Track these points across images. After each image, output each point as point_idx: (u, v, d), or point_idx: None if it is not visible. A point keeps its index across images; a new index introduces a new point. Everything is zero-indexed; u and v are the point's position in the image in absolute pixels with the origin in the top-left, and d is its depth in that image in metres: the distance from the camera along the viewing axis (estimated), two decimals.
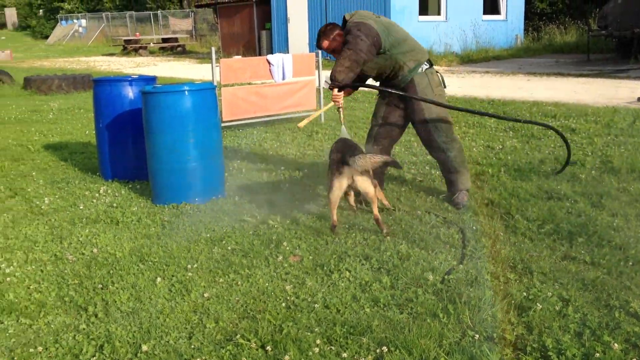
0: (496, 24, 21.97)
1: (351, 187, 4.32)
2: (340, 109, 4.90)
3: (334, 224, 4.38)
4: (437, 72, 5.03)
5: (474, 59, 19.29)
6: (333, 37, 4.82)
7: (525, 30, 23.31)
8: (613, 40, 17.51)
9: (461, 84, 13.29)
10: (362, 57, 4.54)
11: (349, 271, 3.77)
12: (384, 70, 4.88)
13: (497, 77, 14.77)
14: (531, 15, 23.69)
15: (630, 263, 3.74)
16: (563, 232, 4.27)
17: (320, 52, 9.26)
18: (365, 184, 4.27)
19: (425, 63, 4.93)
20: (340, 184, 4.26)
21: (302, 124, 4.92)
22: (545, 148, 6.85)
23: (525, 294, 3.39)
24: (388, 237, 4.29)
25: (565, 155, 5.58)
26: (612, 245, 3.99)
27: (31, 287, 3.74)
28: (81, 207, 5.30)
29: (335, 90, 4.68)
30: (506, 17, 22.46)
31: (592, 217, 4.53)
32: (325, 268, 3.84)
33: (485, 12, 21.84)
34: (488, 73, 15.68)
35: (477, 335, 2.97)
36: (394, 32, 4.78)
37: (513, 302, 3.29)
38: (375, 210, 4.33)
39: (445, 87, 5.07)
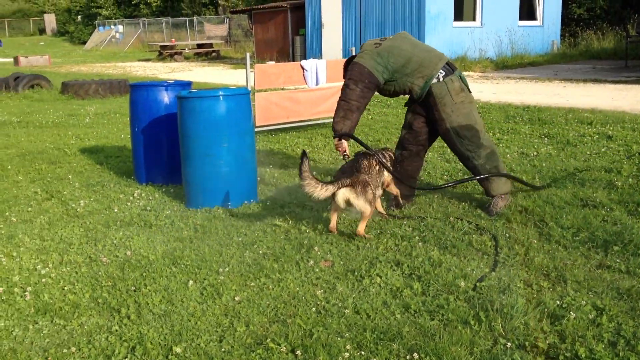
0: (532, 29, 21.74)
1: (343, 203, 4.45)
2: (346, 156, 4.89)
3: (331, 229, 4.58)
4: (459, 76, 4.93)
5: (509, 64, 19.11)
6: None
7: (562, 36, 23.00)
8: None
9: (496, 90, 13.17)
10: (353, 104, 4.74)
11: (380, 277, 3.77)
12: (397, 92, 4.98)
13: (532, 83, 14.61)
14: (568, 21, 23.36)
15: None
16: (598, 240, 4.20)
17: None
18: (361, 205, 4.38)
19: (441, 71, 4.84)
20: (338, 204, 4.43)
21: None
22: (580, 155, 6.75)
23: (558, 302, 3.34)
24: (420, 244, 4.27)
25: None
26: None
27: (66, 288, 3.81)
28: (115, 210, 5.39)
29: (336, 139, 4.84)
30: (542, 23, 22.20)
31: (628, 225, 4.44)
32: (356, 273, 3.84)
33: (521, 18, 21.61)
34: (523, 79, 15.51)
35: (509, 344, 2.93)
36: (395, 56, 4.78)
37: (546, 310, 3.25)
38: (361, 227, 4.45)
39: (470, 92, 5.00)
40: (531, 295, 3.47)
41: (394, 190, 5.03)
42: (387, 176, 4.89)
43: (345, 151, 4.88)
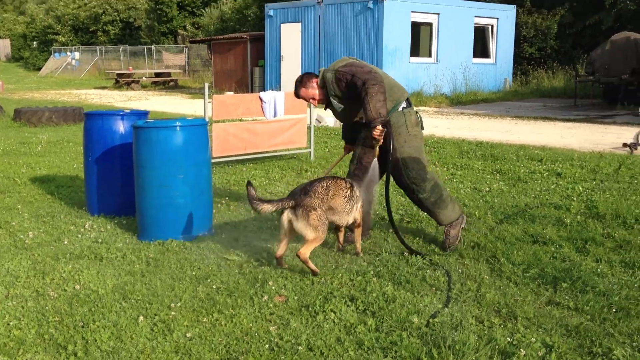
0: (486, 67, 22.30)
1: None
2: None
3: (277, 256, 4.62)
4: (416, 112, 5.04)
5: (463, 101, 19.52)
6: (311, 85, 5.00)
7: (514, 74, 23.65)
8: (600, 86, 17.81)
9: (450, 126, 13.42)
10: (384, 87, 4.65)
11: (334, 312, 3.76)
12: (357, 113, 4.98)
13: (485, 119, 14.93)
14: (520, 60, 24.05)
15: (614, 310, 3.75)
16: (548, 276, 4.28)
17: None
18: (301, 228, 4.39)
19: (404, 102, 4.94)
20: (283, 228, 4.49)
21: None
22: (531, 192, 6.91)
23: (509, 339, 3.39)
24: (374, 279, 4.29)
25: None
26: (596, 292, 4.00)
27: (11, 323, 3.69)
28: (65, 242, 5.27)
29: (380, 126, 4.62)
30: (495, 61, 22.81)
31: (576, 262, 4.55)
32: (310, 309, 3.82)
33: (475, 56, 22.18)
34: (477, 115, 15.84)
35: None
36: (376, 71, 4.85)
37: (497, 347, 3.28)
38: (302, 249, 4.41)
39: (423, 128, 5.08)
40: (482, 331, 3.51)
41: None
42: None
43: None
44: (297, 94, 5.07)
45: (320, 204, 4.44)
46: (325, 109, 5.21)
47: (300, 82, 5.03)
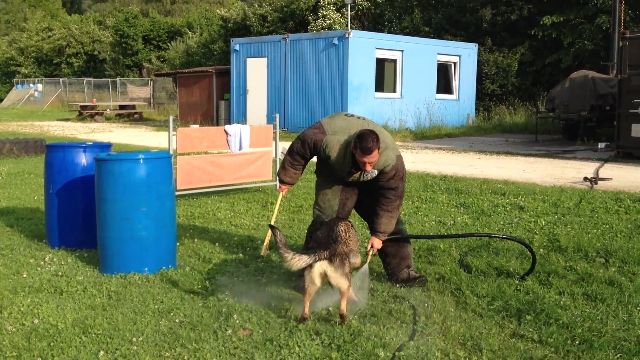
0: (449, 102, 22.68)
1: (326, 280, 4.12)
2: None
3: (304, 316, 4.11)
4: None
5: (428, 135, 19.77)
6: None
7: (477, 109, 24.09)
8: (560, 122, 18.23)
9: (415, 159, 13.56)
10: None
11: (299, 346, 3.72)
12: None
13: (449, 153, 15.13)
14: (482, 96, 24.54)
15: (577, 342, 3.78)
16: (512, 309, 4.30)
17: (277, 123, 9.39)
18: (338, 280, 4.08)
19: None
20: (313, 279, 4.07)
21: (264, 252, 5.03)
22: (494, 225, 6.98)
23: None
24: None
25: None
26: (560, 324, 4.04)
27: None
28: (24, 276, 5.14)
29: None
30: (458, 97, 23.22)
31: (540, 294, 4.59)
32: (274, 343, 3.78)
33: (438, 92, 22.56)
34: (441, 149, 16.05)
35: None
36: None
37: None
38: (343, 305, 4.11)
39: None
40: None
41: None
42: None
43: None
44: (371, 152, 4.38)
45: (348, 250, 4.25)
46: (345, 174, 4.73)
47: (377, 142, 4.41)
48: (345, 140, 4.59)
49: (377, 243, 4.75)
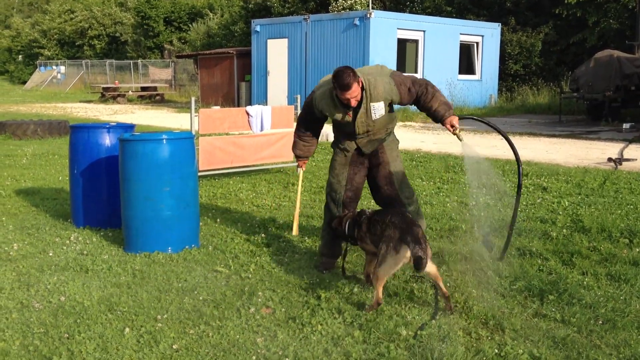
0: (471, 83, 22.46)
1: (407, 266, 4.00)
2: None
3: (379, 302, 3.96)
4: None
5: None
6: (358, 84, 4.45)
7: (499, 90, 23.83)
8: (584, 103, 17.97)
9: (436, 140, 13.49)
10: None
11: (321, 325, 3.74)
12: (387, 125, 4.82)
13: (471, 134, 15.02)
14: (505, 76, 24.25)
15: (600, 322, 3.76)
16: (534, 289, 4.29)
17: (298, 104, 9.38)
18: (431, 267, 3.96)
19: None
20: (396, 264, 3.93)
21: (295, 232, 5.10)
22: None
23: (497, 350, 3.39)
24: (362, 292, 4.28)
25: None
26: (582, 304, 4.02)
27: None
28: (50, 254, 5.22)
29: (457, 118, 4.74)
30: (481, 77, 22.99)
31: (562, 275, 4.57)
32: (297, 321, 3.81)
33: (460, 72, 22.34)
34: (462, 131, 15.87)
35: None
36: None
37: (485, 358, 3.28)
38: (444, 287, 4.03)
39: None
40: (470, 343, 3.51)
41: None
42: None
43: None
44: (349, 87, 4.34)
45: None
46: (341, 117, 4.63)
47: (354, 76, 4.38)
48: (329, 88, 4.59)
49: (454, 119, 4.71)
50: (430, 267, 3.94)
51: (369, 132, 4.70)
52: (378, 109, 4.59)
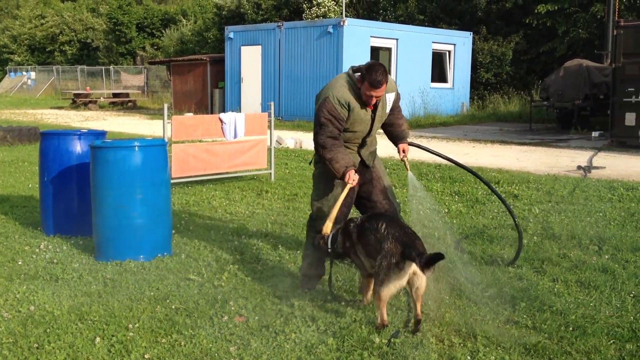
0: (443, 91, 22.66)
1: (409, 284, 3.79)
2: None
3: (384, 323, 3.79)
4: None
5: (422, 124, 19.76)
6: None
7: (471, 98, 24.08)
8: (554, 111, 18.23)
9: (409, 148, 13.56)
10: None
11: (295, 333, 3.74)
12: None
13: (444, 142, 15.14)
14: (476, 85, 24.52)
15: (571, 328, 3.81)
16: (506, 296, 4.33)
17: (272, 111, 9.38)
18: (424, 283, 3.79)
19: None
20: (400, 283, 3.75)
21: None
22: (489, 213, 7.01)
23: (469, 357, 3.41)
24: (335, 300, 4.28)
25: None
26: (553, 311, 4.07)
27: None
28: (20, 263, 5.14)
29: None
30: (453, 86, 23.21)
31: (533, 282, 4.62)
32: (270, 329, 3.79)
33: (433, 80, 22.53)
34: (435, 138, 16.05)
35: None
36: None
37: None
38: (419, 310, 3.81)
39: None
40: (443, 350, 3.52)
41: None
42: None
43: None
44: (381, 84, 4.21)
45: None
46: (364, 111, 4.46)
47: (386, 76, 4.26)
48: (346, 81, 4.37)
49: (407, 147, 4.85)
50: (423, 282, 3.76)
51: (370, 133, 4.61)
52: (389, 101, 4.58)
